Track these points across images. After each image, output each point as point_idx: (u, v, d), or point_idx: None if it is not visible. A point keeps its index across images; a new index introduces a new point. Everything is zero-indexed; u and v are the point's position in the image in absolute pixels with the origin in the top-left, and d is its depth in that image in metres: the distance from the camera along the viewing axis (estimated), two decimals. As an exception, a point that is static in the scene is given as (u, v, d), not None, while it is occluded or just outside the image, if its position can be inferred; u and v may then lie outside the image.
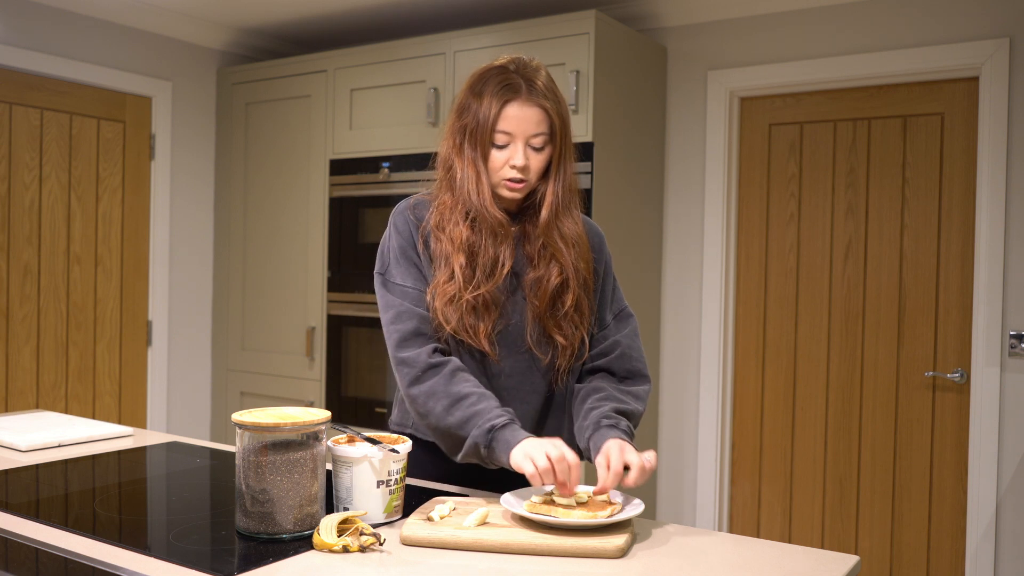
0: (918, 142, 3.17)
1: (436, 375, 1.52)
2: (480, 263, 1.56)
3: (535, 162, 1.57)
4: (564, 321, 1.60)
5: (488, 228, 1.56)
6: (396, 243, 1.61)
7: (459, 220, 1.57)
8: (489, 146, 1.55)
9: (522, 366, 1.62)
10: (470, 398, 1.50)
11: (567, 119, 1.60)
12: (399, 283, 1.59)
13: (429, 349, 1.55)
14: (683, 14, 3.47)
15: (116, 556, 1.22)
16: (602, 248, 1.72)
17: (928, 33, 3.07)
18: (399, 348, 1.56)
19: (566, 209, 1.60)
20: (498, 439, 1.45)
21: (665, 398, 3.59)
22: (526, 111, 1.54)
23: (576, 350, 1.63)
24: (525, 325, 1.60)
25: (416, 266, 1.60)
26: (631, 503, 1.41)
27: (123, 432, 2.06)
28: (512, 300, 1.60)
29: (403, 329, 1.56)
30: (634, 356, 1.67)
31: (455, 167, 1.59)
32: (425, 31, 3.97)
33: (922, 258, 3.16)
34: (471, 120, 1.56)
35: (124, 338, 3.88)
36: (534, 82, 1.55)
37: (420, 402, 1.53)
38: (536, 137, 1.55)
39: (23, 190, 3.51)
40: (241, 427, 1.31)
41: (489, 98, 1.54)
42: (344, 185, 3.68)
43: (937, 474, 3.14)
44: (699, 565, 1.23)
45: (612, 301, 1.70)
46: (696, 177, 3.51)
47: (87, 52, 3.67)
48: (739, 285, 3.52)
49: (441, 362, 1.54)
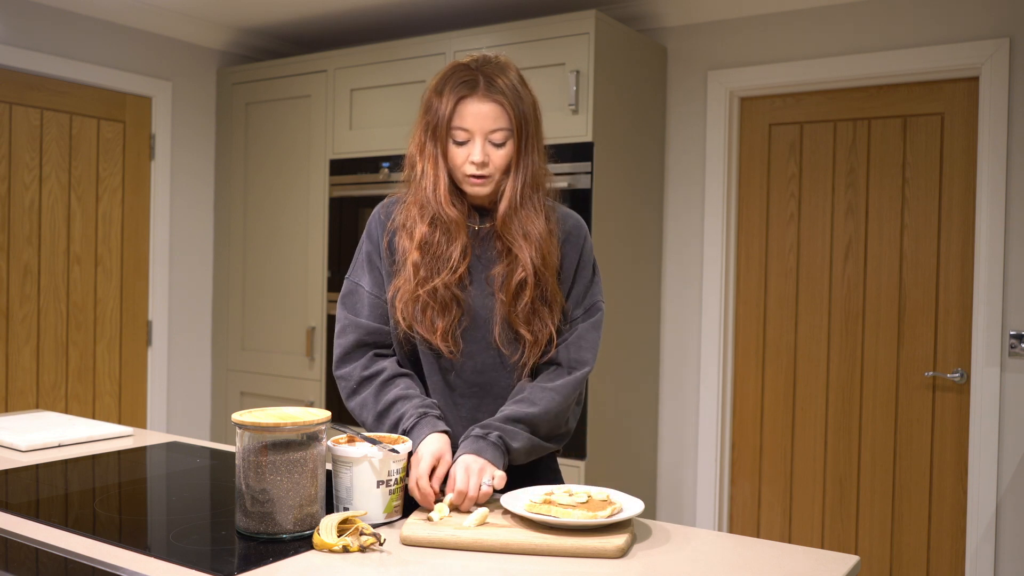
0: (918, 142, 3.17)
1: (368, 387, 1.61)
2: (434, 259, 1.59)
3: (496, 158, 1.57)
4: (531, 317, 1.60)
5: (443, 226, 1.59)
6: (365, 247, 1.68)
7: (418, 219, 1.60)
8: (448, 142, 1.58)
9: (492, 363, 1.63)
10: (395, 404, 1.57)
11: (530, 115, 1.60)
12: (360, 284, 1.66)
13: (365, 360, 1.63)
14: (683, 14, 3.47)
15: (116, 556, 1.22)
16: (575, 242, 1.68)
17: (928, 33, 3.07)
18: (336, 365, 1.65)
19: (527, 204, 1.60)
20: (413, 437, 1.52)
21: (665, 398, 3.59)
22: (482, 107, 1.55)
23: (543, 346, 1.62)
24: (493, 322, 1.61)
25: (378, 269, 1.66)
26: (631, 503, 1.41)
27: (123, 432, 2.06)
28: (478, 297, 1.61)
29: (343, 344, 1.65)
30: (581, 345, 1.65)
31: (417, 165, 1.62)
32: (425, 31, 3.97)
33: (922, 258, 3.16)
34: (432, 117, 1.59)
35: (124, 338, 3.88)
36: (493, 78, 1.56)
37: (356, 414, 1.63)
38: (495, 132, 1.56)
39: (23, 190, 3.51)
40: (241, 427, 1.31)
41: (447, 95, 1.57)
42: (344, 185, 3.68)
43: (937, 474, 3.14)
44: (699, 565, 1.23)
45: (586, 295, 1.68)
46: (696, 177, 3.51)
47: (87, 52, 3.67)
48: (739, 285, 3.52)
49: (374, 372, 1.62)
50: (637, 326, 3.41)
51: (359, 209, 3.64)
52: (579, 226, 1.70)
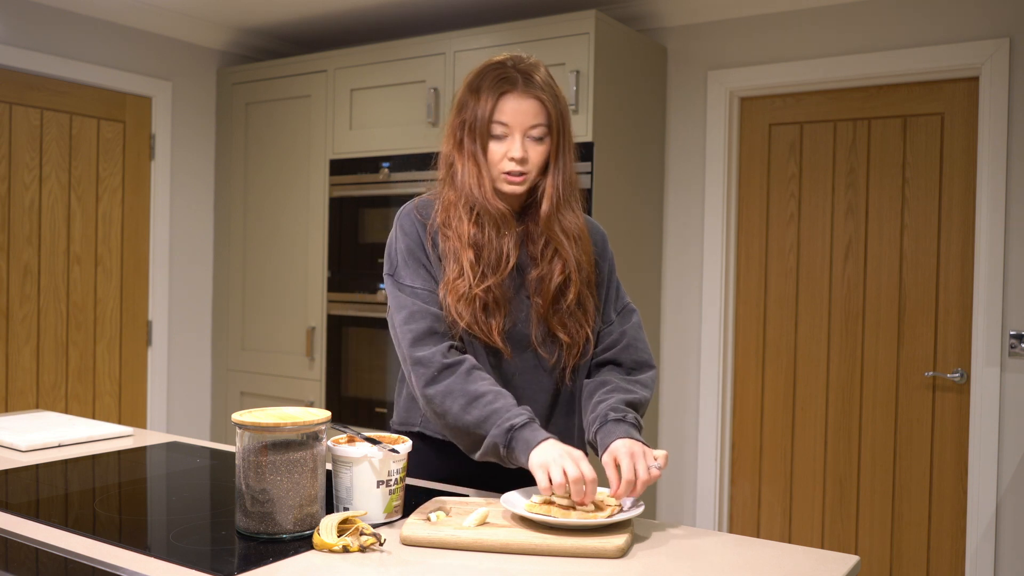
0: (918, 142, 3.16)
1: (452, 374, 1.51)
2: (486, 257, 1.56)
3: (534, 154, 1.57)
4: (568, 319, 1.59)
5: (491, 221, 1.56)
6: (403, 244, 1.61)
7: (463, 216, 1.57)
8: (488, 139, 1.56)
9: (529, 365, 1.62)
10: (487, 396, 1.48)
11: (566, 114, 1.60)
12: (408, 283, 1.58)
13: (444, 348, 1.53)
14: (683, 14, 3.47)
15: (116, 556, 1.22)
16: (605, 247, 1.73)
17: (928, 33, 3.07)
18: (413, 348, 1.54)
19: (567, 203, 1.60)
20: (518, 439, 1.43)
21: (665, 398, 3.59)
22: (523, 103, 1.54)
23: (581, 348, 1.62)
24: (531, 324, 1.60)
25: (424, 267, 1.59)
26: (631, 503, 1.41)
27: (123, 432, 2.06)
28: (517, 299, 1.60)
29: (416, 329, 1.55)
30: (639, 347, 1.67)
31: (456, 164, 1.59)
32: (425, 31, 3.97)
33: (922, 258, 3.16)
34: (469, 115, 1.57)
35: (124, 338, 3.88)
36: (531, 75, 1.56)
37: (437, 401, 1.51)
38: (534, 128, 1.55)
39: (23, 190, 3.51)
40: (241, 427, 1.31)
41: (486, 92, 1.56)
42: (344, 185, 3.68)
43: (937, 474, 3.14)
44: (699, 565, 1.23)
45: (616, 299, 1.71)
46: (696, 177, 3.51)
47: (87, 52, 3.67)
48: (739, 285, 3.52)
49: (456, 361, 1.52)
50: (637, 326, 3.41)
51: (359, 209, 3.64)
52: (603, 232, 1.74)
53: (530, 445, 1.42)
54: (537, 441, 1.42)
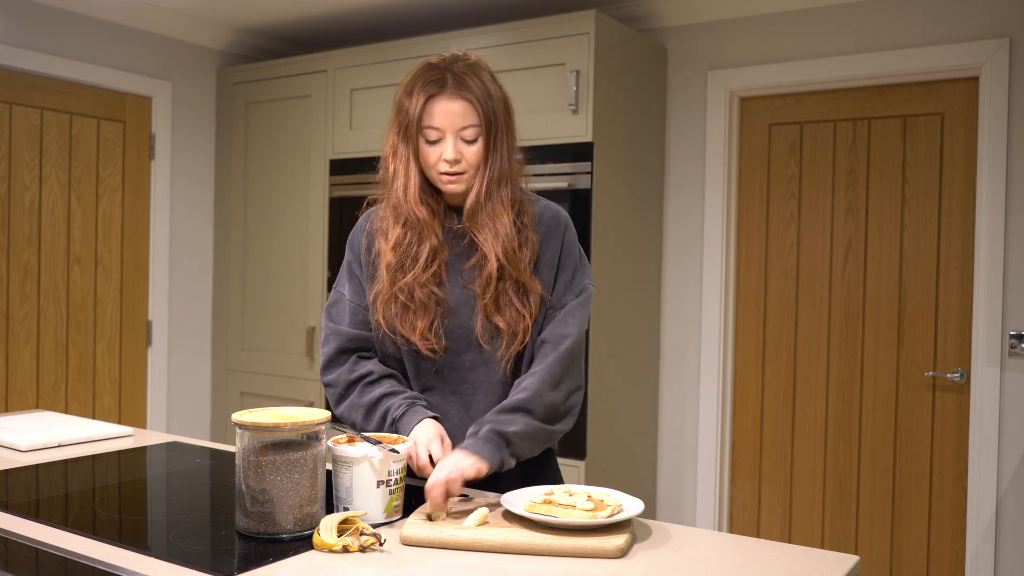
0: (918, 142, 3.17)
1: (354, 390, 1.64)
2: (407, 259, 1.61)
3: (469, 154, 1.59)
4: (506, 308, 1.61)
5: (414, 226, 1.62)
6: (347, 257, 1.74)
7: (392, 221, 1.64)
8: (420, 142, 1.59)
9: (478, 359, 1.64)
10: (381, 401, 1.60)
11: (500, 111, 1.61)
12: (343, 292, 1.70)
13: (349, 365, 1.66)
14: (683, 14, 3.47)
15: (116, 556, 1.22)
16: (556, 232, 1.67)
17: (928, 33, 3.07)
18: (323, 374, 1.69)
19: (493, 198, 1.60)
20: (401, 430, 1.56)
21: (665, 398, 3.59)
22: (451, 105, 1.57)
23: (521, 336, 1.61)
24: (474, 319, 1.62)
25: (358, 278, 1.70)
26: (631, 503, 1.41)
27: (123, 432, 2.06)
28: (458, 294, 1.63)
29: (327, 352, 1.68)
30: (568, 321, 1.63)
31: (390, 167, 1.65)
32: (425, 31, 3.97)
33: (922, 258, 3.16)
34: (404, 118, 1.61)
35: (124, 338, 3.88)
36: (462, 76, 1.58)
37: (346, 417, 1.66)
38: (466, 129, 1.57)
39: (23, 190, 3.51)
40: (241, 427, 1.31)
41: (417, 95, 1.59)
42: (344, 185, 3.68)
43: (937, 474, 3.14)
44: (699, 565, 1.23)
45: (573, 282, 1.67)
46: (696, 177, 3.51)
47: (87, 52, 3.67)
48: (739, 285, 3.52)
49: (359, 376, 1.64)
50: (637, 326, 3.41)
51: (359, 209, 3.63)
52: (557, 217, 1.69)
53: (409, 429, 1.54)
54: (411, 426, 1.54)
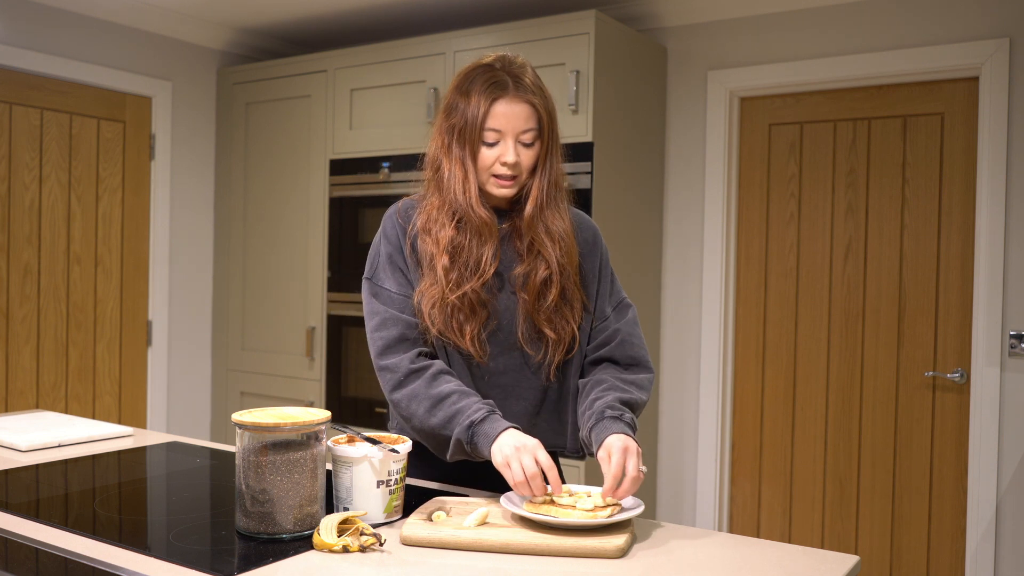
0: (918, 142, 3.17)
1: (418, 379, 1.54)
2: (463, 263, 1.57)
3: (525, 158, 1.58)
4: (554, 315, 1.60)
5: (473, 228, 1.57)
6: (384, 249, 1.63)
7: (445, 222, 1.58)
8: (479, 144, 1.56)
9: (515, 363, 1.62)
10: (451, 397, 1.51)
11: (554, 114, 1.62)
12: (385, 288, 1.61)
13: (412, 355, 1.56)
14: (683, 14, 3.47)
15: (116, 556, 1.22)
16: (596, 243, 1.72)
17: (928, 33, 3.07)
18: (381, 356, 1.58)
19: (551, 204, 1.61)
20: (478, 433, 1.46)
21: (665, 398, 3.59)
22: (515, 107, 1.55)
23: (567, 344, 1.62)
24: (516, 322, 1.60)
25: (402, 271, 1.61)
26: (631, 503, 1.41)
27: (123, 432, 2.06)
28: (502, 298, 1.61)
29: (386, 336, 1.58)
30: (635, 343, 1.67)
31: (443, 167, 1.60)
32: (425, 31, 3.97)
33: (922, 258, 3.16)
34: (459, 119, 1.57)
35: (124, 338, 3.88)
36: (521, 79, 1.57)
37: (403, 406, 1.55)
38: (525, 133, 1.56)
39: (23, 190, 3.51)
40: (241, 427, 1.31)
41: (477, 96, 1.55)
42: (344, 185, 3.68)
43: (937, 474, 3.14)
44: (699, 565, 1.23)
45: (611, 294, 1.70)
46: (696, 177, 3.51)
47: (87, 52, 3.67)
48: (739, 285, 3.52)
49: (423, 366, 1.55)
50: (637, 326, 3.41)
51: (359, 209, 3.64)
52: (593, 228, 1.73)
53: (490, 438, 1.44)
54: (496, 433, 1.44)
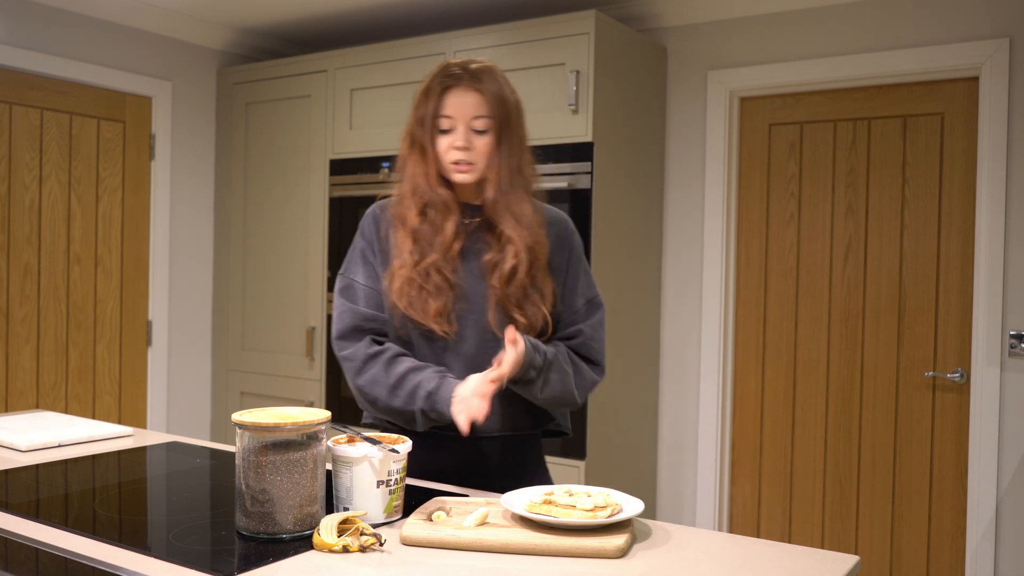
0: (918, 142, 3.17)
1: (375, 364, 1.65)
2: (427, 241, 1.66)
3: (479, 144, 1.65)
4: (524, 302, 1.66)
5: (435, 207, 1.67)
6: (358, 245, 1.75)
7: (412, 206, 1.68)
8: (436, 133, 1.65)
9: (488, 347, 1.67)
10: (408, 376, 1.62)
11: (512, 107, 1.68)
12: (356, 280, 1.72)
13: (367, 342, 1.68)
14: (683, 14, 3.47)
15: (116, 556, 1.22)
16: (566, 236, 1.77)
17: (928, 33, 3.07)
18: (338, 347, 1.70)
19: (513, 189, 1.67)
20: (437, 401, 1.58)
21: (665, 398, 3.59)
22: (466, 96, 1.63)
23: (538, 329, 1.68)
24: (488, 309, 1.66)
25: (372, 265, 1.72)
26: (631, 503, 1.41)
27: (123, 432, 2.06)
28: (474, 285, 1.67)
29: (340, 328, 1.70)
30: (594, 347, 1.74)
31: (407, 159, 1.70)
32: (425, 31, 3.97)
33: (922, 258, 3.16)
34: (419, 113, 1.67)
35: (124, 338, 3.88)
36: (475, 73, 1.65)
37: (366, 391, 1.66)
38: (477, 120, 1.63)
39: (23, 190, 3.51)
40: (241, 427, 1.31)
41: (433, 90, 1.66)
42: (344, 185, 3.68)
43: (937, 474, 3.14)
44: (699, 565, 1.23)
45: (582, 289, 1.75)
46: (696, 177, 3.51)
47: (87, 52, 3.67)
48: (739, 285, 3.52)
49: (378, 351, 1.66)
50: (637, 326, 3.41)
51: (359, 209, 3.64)
52: (565, 222, 1.78)
53: (448, 402, 1.56)
54: (450, 395, 1.57)
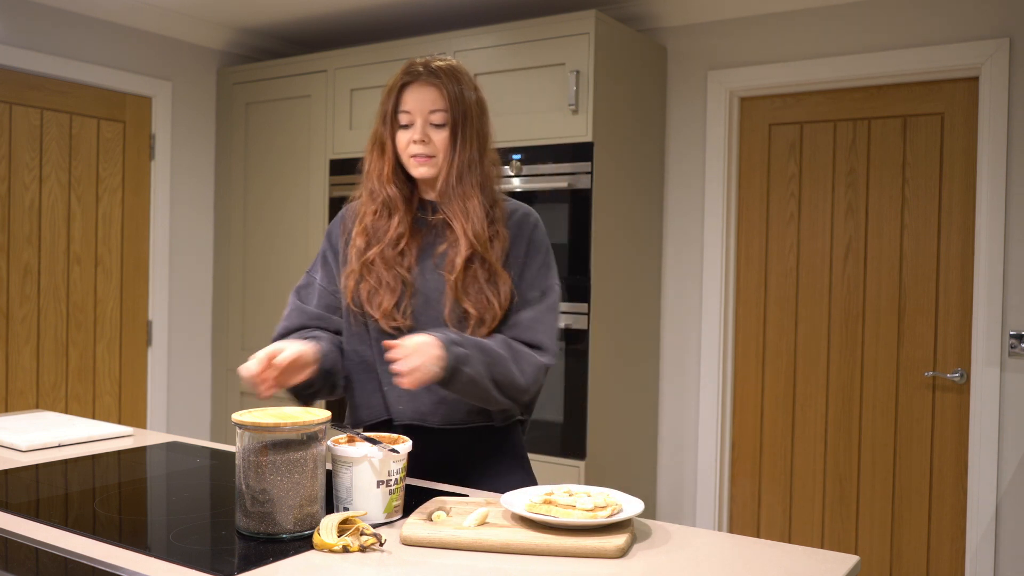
0: (918, 142, 3.17)
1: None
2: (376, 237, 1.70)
3: (437, 138, 1.67)
4: (475, 293, 1.66)
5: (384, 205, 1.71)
6: (322, 247, 1.82)
7: (368, 206, 1.73)
8: (396, 127, 1.68)
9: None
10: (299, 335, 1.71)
11: (471, 106, 1.69)
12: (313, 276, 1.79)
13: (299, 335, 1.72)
14: (683, 14, 3.47)
15: (116, 556, 1.22)
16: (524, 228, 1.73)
17: (928, 33, 3.07)
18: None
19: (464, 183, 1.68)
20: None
21: (665, 398, 3.59)
22: (423, 91, 1.67)
23: (490, 324, 1.67)
24: (443, 302, 1.67)
25: (330, 266, 1.78)
26: (631, 503, 1.41)
27: (123, 432, 2.06)
28: (431, 280, 1.68)
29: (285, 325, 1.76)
30: (538, 329, 1.69)
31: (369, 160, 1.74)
32: (425, 31, 3.97)
33: (922, 258, 3.16)
34: (382, 109, 1.71)
35: (124, 338, 3.88)
36: (436, 69, 1.68)
37: None
38: (434, 114, 1.66)
39: (23, 190, 3.51)
40: (241, 427, 1.31)
41: (394, 87, 1.70)
42: (344, 185, 3.68)
43: (937, 474, 3.14)
44: (699, 565, 1.23)
45: (539, 279, 1.72)
46: (696, 177, 3.51)
47: (87, 52, 3.67)
48: (739, 285, 3.52)
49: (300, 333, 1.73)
50: (637, 326, 3.41)
51: (359, 209, 3.63)
52: (527, 215, 1.77)
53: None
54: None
